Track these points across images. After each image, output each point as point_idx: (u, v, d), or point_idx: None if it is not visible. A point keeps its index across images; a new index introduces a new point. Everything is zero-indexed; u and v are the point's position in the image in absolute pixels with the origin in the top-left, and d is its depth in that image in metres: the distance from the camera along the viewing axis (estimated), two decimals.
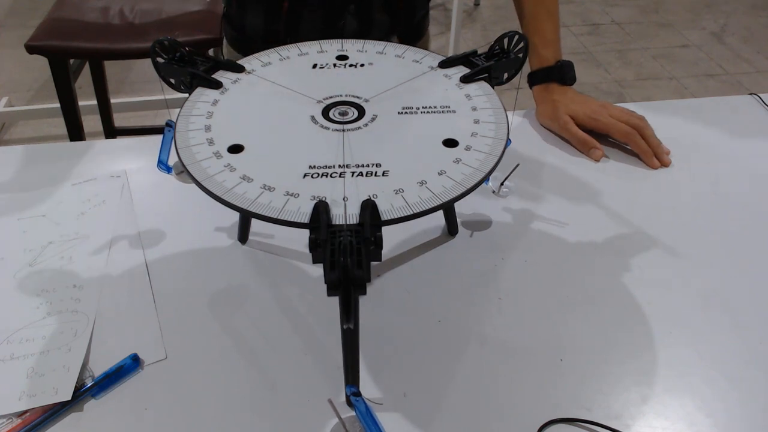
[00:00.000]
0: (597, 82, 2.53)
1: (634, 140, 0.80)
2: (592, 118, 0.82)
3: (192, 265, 0.66)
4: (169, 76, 0.59)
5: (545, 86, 0.86)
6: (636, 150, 0.81)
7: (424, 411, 0.52)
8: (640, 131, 0.80)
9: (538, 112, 0.88)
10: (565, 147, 0.84)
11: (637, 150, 0.81)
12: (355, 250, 0.42)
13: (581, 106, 0.83)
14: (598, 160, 0.81)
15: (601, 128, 0.82)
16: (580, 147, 0.82)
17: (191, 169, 0.49)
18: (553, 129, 0.86)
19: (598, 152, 0.81)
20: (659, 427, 0.51)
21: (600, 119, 0.82)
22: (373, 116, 0.56)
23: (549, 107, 0.85)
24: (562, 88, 0.86)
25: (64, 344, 0.56)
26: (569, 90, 0.86)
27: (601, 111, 0.83)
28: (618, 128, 0.81)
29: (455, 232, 0.69)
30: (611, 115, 0.82)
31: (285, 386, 0.54)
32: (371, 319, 0.59)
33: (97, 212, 0.72)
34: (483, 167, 0.50)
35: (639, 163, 0.81)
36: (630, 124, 0.81)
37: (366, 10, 0.85)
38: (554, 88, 0.86)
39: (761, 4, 3.16)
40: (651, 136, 0.80)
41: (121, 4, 1.52)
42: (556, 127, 0.85)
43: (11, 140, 2.17)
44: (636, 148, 0.80)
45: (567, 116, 0.83)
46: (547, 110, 0.86)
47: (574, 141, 0.83)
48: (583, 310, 0.61)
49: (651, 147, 0.80)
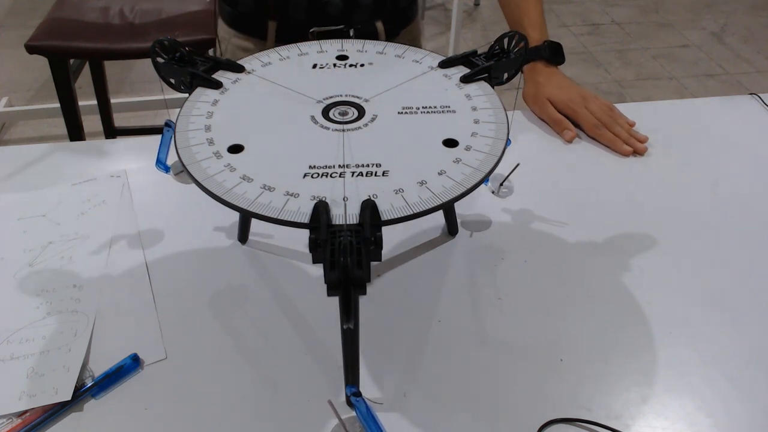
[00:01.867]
0: (597, 82, 2.53)
1: (599, 132, 0.84)
2: (569, 106, 0.86)
3: (192, 265, 0.66)
4: (169, 76, 0.59)
5: (533, 65, 0.90)
6: (603, 141, 0.84)
7: (424, 411, 0.52)
8: (608, 127, 0.84)
9: (524, 91, 0.91)
10: (565, 147, 0.84)
11: (603, 141, 0.84)
12: (355, 250, 0.42)
13: (561, 91, 0.87)
14: (569, 141, 0.84)
15: (572, 116, 0.86)
16: (554, 126, 0.86)
17: (191, 169, 0.49)
18: (533, 109, 0.90)
19: (569, 133, 0.84)
20: (659, 427, 0.51)
21: (575, 109, 0.86)
22: (373, 116, 0.56)
23: (532, 88, 0.89)
24: (549, 69, 0.89)
25: (64, 344, 0.56)
26: (556, 73, 0.89)
27: (579, 101, 0.86)
28: (587, 120, 0.85)
29: (455, 232, 0.69)
30: (588, 107, 0.86)
31: (285, 386, 0.54)
32: (371, 319, 0.59)
33: (97, 212, 0.72)
34: (483, 167, 0.50)
35: (639, 164, 0.81)
36: (602, 121, 0.84)
37: None
38: (541, 68, 0.89)
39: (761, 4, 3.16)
40: (620, 131, 0.84)
41: (121, 4, 1.51)
42: (536, 108, 0.89)
43: (11, 140, 2.17)
44: (602, 139, 0.84)
45: (546, 99, 0.87)
46: (530, 91, 0.90)
47: (549, 120, 0.87)
48: (583, 311, 0.61)
49: (620, 137, 0.83)
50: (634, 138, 0.83)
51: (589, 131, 0.85)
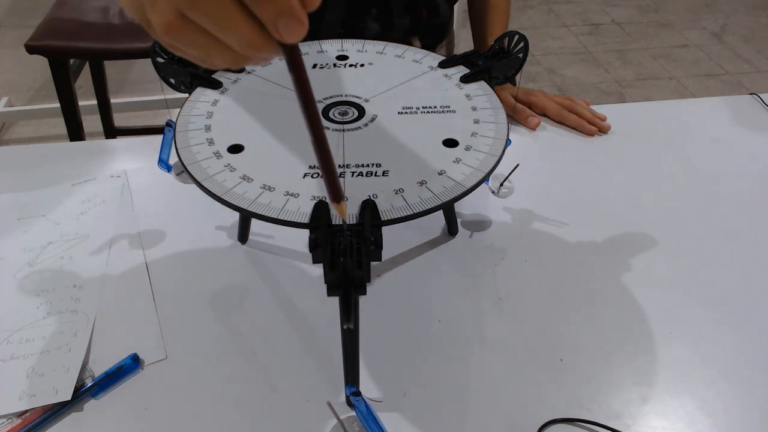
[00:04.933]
0: (597, 82, 2.53)
1: (564, 115, 0.87)
2: (530, 99, 0.90)
3: (192, 265, 0.66)
4: (169, 76, 0.59)
5: None
6: (569, 123, 0.87)
7: (424, 411, 0.52)
8: (570, 108, 0.87)
9: None
10: (565, 147, 0.84)
11: (569, 123, 0.87)
12: (355, 250, 0.42)
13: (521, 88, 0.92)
14: (535, 128, 0.87)
15: (535, 103, 0.89)
16: (517, 116, 0.89)
17: (191, 169, 0.49)
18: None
19: (534, 120, 0.87)
20: (659, 427, 0.51)
21: (537, 98, 0.89)
22: (373, 116, 0.56)
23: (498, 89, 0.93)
24: None
25: (64, 344, 0.56)
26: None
27: (539, 93, 0.90)
28: (551, 107, 0.88)
29: (455, 232, 0.69)
30: (548, 97, 0.90)
31: (285, 386, 0.54)
32: (371, 319, 0.59)
33: (97, 212, 0.72)
34: (483, 167, 0.50)
35: (639, 164, 0.81)
36: (563, 105, 0.88)
37: (388, 13, 0.86)
38: None
39: (761, 4, 3.16)
40: (582, 112, 0.87)
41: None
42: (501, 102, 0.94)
43: (11, 140, 2.17)
44: (568, 122, 0.87)
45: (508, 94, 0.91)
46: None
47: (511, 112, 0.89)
48: (583, 310, 0.61)
49: (584, 118, 0.86)
50: (596, 117, 0.87)
51: (555, 117, 0.88)
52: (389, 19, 0.87)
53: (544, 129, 0.87)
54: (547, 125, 0.88)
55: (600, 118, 0.87)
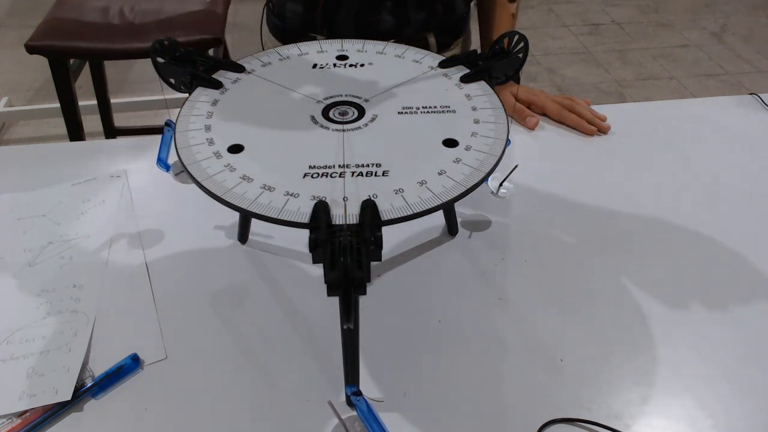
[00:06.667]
0: (597, 82, 2.53)
1: (563, 114, 0.87)
2: (530, 98, 0.90)
3: (192, 265, 0.66)
4: (169, 76, 0.59)
5: None
6: (569, 123, 0.87)
7: (424, 411, 0.52)
8: (570, 108, 0.88)
9: None
10: (565, 147, 0.84)
11: (569, 123, 0.87)
12: (355, 250, 0.42)
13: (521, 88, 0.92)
14: (533, 128, 0.87)
15: (535, 102, 0.90)
16: (516, 116, 0.90)
17: (191, 169, 0.49)
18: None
19: (533, 119, 0.87)
20: (659, 427, 0.51)
21: (537, 98, 0.89)
22: (373, 116, 0.56)
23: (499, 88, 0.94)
24: None
25: (64, 344, 0.56)
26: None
27: (539, 93, 0.91)
28: (551, 106, 0.88)
29: (455, 232, 0.69)
30: (548, 97, 0.91)
31: (285, 386, 0.54)
32: (371, 319, 0.59)
33: (97, 212, 0.72)
34: (483, 167, 0.50)
35: (639, 164, 0.81)
36: (563, 105, 0.88)
37: (402, 8, 0.87)
38: None
39: (761, 4, 3.16)
40: (582, 112, 0.87)
41: (121, 4, 1.51)
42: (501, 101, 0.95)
43: (11, 140, 2.17)
44: (568, 121, 0.87)
45: (508, 93, 0.91)
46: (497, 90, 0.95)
47: (511, 111, 0.89)
48: (583, 310, 0.61)
49: (584, 118, 0.87)
50: (596, 117, 0.87)
51: (555, 116, 0.88)
52: (404, 14, 0.87)
53: (543, 129, 0.87)
54: (547, 125, 0.88)
55: (600, 118, 0.87)
